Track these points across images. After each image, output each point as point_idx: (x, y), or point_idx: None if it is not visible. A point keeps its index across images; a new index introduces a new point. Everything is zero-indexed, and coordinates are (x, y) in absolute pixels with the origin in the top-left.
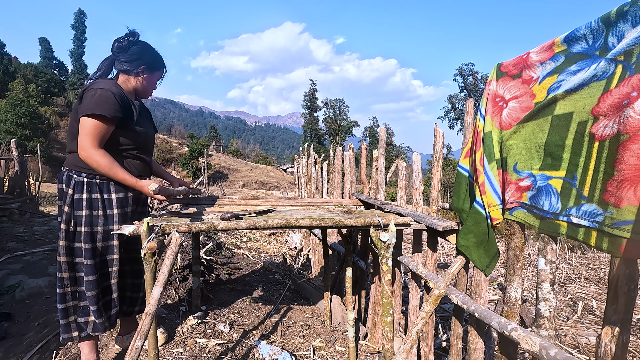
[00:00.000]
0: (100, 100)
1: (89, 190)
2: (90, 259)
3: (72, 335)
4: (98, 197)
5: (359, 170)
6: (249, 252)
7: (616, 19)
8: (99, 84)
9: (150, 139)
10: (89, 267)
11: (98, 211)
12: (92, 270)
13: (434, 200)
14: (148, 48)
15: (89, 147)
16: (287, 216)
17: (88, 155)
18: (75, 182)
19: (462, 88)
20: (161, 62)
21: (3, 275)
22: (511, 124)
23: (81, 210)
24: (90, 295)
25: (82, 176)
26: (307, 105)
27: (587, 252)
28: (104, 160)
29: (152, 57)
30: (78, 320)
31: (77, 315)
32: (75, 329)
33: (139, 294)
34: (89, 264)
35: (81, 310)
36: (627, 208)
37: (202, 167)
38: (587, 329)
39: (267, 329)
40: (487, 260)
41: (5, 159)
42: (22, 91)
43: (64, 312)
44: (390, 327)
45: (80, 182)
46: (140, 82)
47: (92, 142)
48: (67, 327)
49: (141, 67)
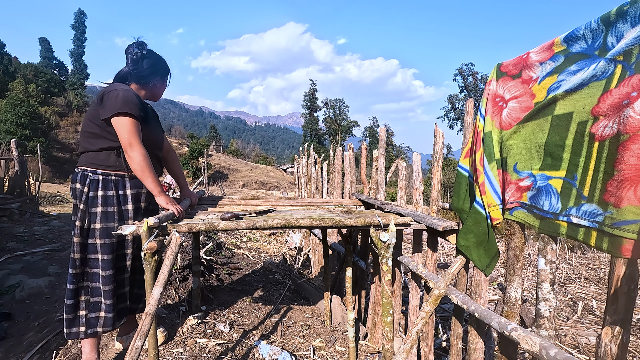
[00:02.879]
0: (127, 100)
1: (104, 187)
2: (107, 254)
3: (79, 330)
4: (113, 194)
5: (359, 170)
6: (249, 252)
7: (616, 18)
8: (118, 86)
9: (160, 139)
10: (107, 262)
11: (113, 207)
12: (109, 265)
13: (434, 200)
14: (158, 60)
15: (136, 144)
16: (287, 216)
17: (136, 151)
18: (90, 180)
19: (462, 88)
20: (168, 68)
21: (3, 275)
22: (511, 124)
23: (96, 207)
24: (107, 290)
25: (98, 174)
26: (307, 105)
27: (587, 252)
28: (148, 161)
29: (162, 68)
30: (89, 316)
31: (87, 310)
32: (83, 324)
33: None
34: (107, 258)
35: (92, 306)
36: (627, 208)
37: (202, 167)
38: (587, 329)
39: (267, 329)
40: (487, 260)
41: (5, 159)
42: (22, 91)
43: (72, 307)
44: (390, 327)
45: (96, 179)
46: (151, 89)
47: (137, 140)
48: (73, 321)
49: (157, 79)
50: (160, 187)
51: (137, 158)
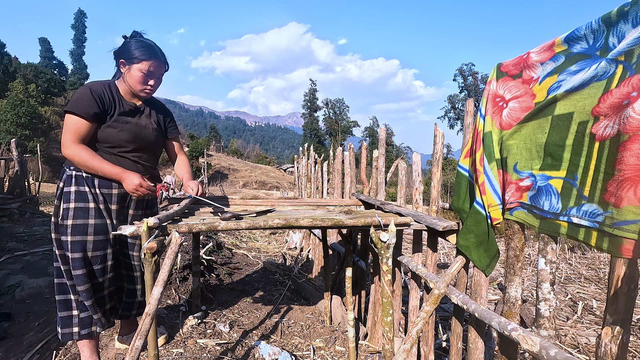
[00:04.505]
0: (77, 97)
1: (77, 183)
2: (77, 252)
3: (72, 330)
4: (86, 190)
5: (359, 170)
6: (249, 252)
7: (617, 19)
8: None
9: (147, 138)
10: (77, 261)
11: (87, 204)
12: (80, 264)
13: (434, 200)
14: (133, 41)
15: (68, 143)
16: (287, 216)
17: (67, 150)
18: (66, 176)
19: (462, 88)
20: (145, 53)
21: (3, 275)
22: (511, 124)
23: (68, 202)
24: (82, 290)
25: (72, 169)
26: (307, 105)
27: (587, 252)
28: (83, 153)
29: (130, 48)
30: (81, 316)
31: (79, 310)
32: (76, 324)
33: (134, 299)
34: (77, 257)
35: (83, 305)
36: (627, 208)
37: (202, 167)
38: (587, 329)
39: (267, 329)
40: (487, 260)
41: (5, 159)
42: (22, 91)
43: (63, 304)
44: (390, 327)
45: (70, 175)
46: (126, 79)
47: (71, 138)
48: (68, 320)
49: (120, 61)
50: (118, 169)
51: (73, 159)
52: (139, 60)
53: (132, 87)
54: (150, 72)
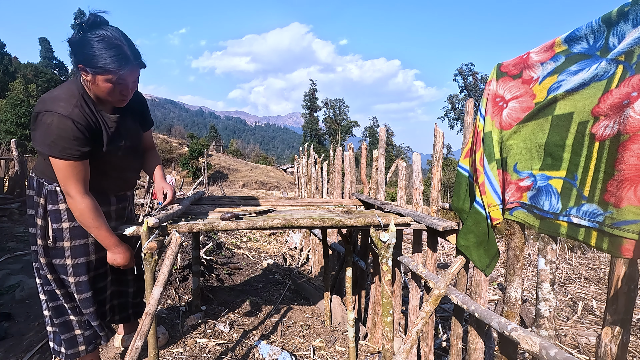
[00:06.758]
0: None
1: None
2: (82, 275)
3: (79, 349)
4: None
5: (359, 170)
6: (249, 252)
7: (617, 19)
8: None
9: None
10: (83, 285)
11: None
12: (86, 287)
13: (434, 200)
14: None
15: (74, 194)
16: (287, 216)
17: (77, 204)
18: (47, 191)
19: (462, 88)
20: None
21: (3, 275)
22: (511, 124)
23: (60, 222)
24: (89, 312)
25: (54, 185)
26: (307, 105)
27: (587, 252)
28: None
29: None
30: (85, 334)
31: (83, 329)
32: (82, 343)
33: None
34: (82, 280)
35: (87, 324)
36: (627, 208)
37: (202, 167)
38: (587, 329)
39: (267, 329)
40: (487, 260)
41: (5, 159)
42: (22, 91)
43: (63, 326)
44: (390, 327)
45: (53, 190)
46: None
47: (76, 188)
48: (72, 341)
49: (79, 65)
50: (113, 240)
51: (75, 211)
52: (106, 72)
53: (101, 98)
54: (122, 81)
